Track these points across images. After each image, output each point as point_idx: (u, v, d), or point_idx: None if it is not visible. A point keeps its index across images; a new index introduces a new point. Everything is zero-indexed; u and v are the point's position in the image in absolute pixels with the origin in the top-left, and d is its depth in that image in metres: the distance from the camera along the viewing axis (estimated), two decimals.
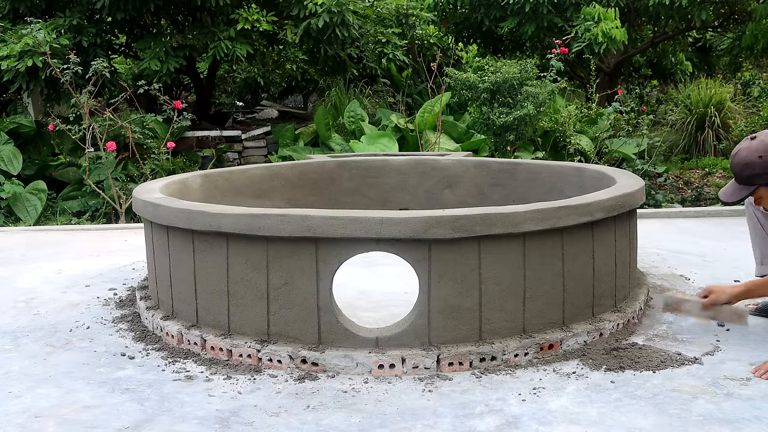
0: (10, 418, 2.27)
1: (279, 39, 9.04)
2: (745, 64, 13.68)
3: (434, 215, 2.47)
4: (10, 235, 5.60)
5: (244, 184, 4.37)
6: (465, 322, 2.57)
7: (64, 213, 7.34)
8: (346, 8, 7.85)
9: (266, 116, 11.08)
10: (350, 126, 8.74)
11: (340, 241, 2.51)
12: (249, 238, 2.61)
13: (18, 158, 7.42)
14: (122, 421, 2.22)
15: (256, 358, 2.64)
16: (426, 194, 4.73)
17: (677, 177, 8.56)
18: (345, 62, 9.05)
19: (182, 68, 8.53)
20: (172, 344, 2.90)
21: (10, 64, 7.07)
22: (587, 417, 2.18)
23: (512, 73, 7.22)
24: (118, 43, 8.98)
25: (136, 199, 3.19)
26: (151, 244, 3.17)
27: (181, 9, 8.60)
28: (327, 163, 4.75)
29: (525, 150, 7.89)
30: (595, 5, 8.90)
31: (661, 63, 13.17)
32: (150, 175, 7.18)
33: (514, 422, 2.16)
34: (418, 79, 10.88)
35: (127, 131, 7.06)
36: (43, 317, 3.35)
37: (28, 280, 4.07)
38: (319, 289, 2.56)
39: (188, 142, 8.80)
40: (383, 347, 2.55)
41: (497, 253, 2.57)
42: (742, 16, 10.64)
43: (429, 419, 2.20)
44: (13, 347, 2.95)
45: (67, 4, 8.17)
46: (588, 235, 2.77)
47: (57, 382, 2.55)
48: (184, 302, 2.91)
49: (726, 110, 9.85)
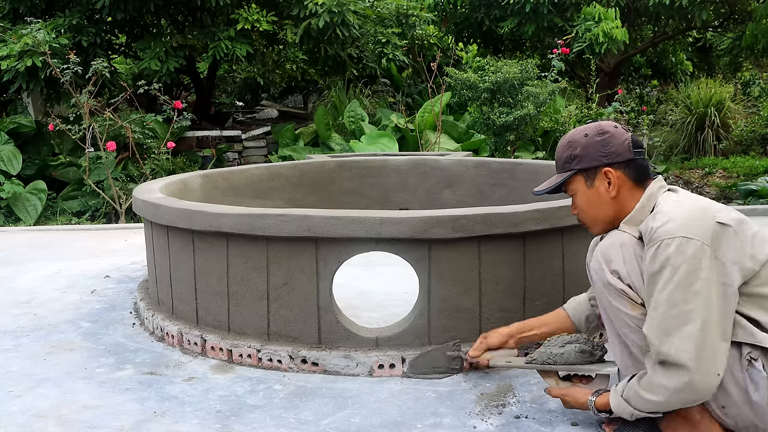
0: (10, 418, 2.26)
1: (279, 39, 9.05)
2: (745, 64, 13.69)
3: (434, 215, 2.47)
4: (10, 235, 5.60)
5: (244, 184, 4.37)
6: (465, 322, 2.57)
7: (64, 213, 7.34)
8: (346, 8, 7.85)
9: (266, 116, 11.08)
10: (350, 126, 8.74)
11: (340, 241, 2.51)
12: (249, 238, 2.61)
13: (18, 158, 7.43)
14: (122, 421, 2.22)
15: (256, 358, 2.64)
16: (426, 194, 4.73)
17: (677, 177, 8.57)
18: (345, 62, 9.05)
19: (182, 68, 8.53)
20: (172, 344, 2.90)
21: (10, 64, 7.07)
22: (587, 417, 2.18)
23: (513, 73, 7.22)
24: (118, 43, 8.99)
25: (136, 199, 3.19)
26: (151, 244, 3.17)
27: (181, 9, 8.60)
28: (327, 163, 4.75)
29: (525, 150, 7.90)
30: (596, 5, 8.90)
31: (661, 63, 13.18)
32: (150, 175, 7.18)
33: (515, 422, 2.16)
34: (418, 79, 10.89)
35: (127, 131, 7.06)
36: (43, 317, 3.35)
37: (28, 280, 4.07)
38: (319, 289, 2.56)
39: (188, 142, 8.80)
40: (383, 347, 2.55)
41: (497, 253, 2.57)
42: (742, 16, 10.65)
43: (429, 419, 2.20)
44: (13, 347, 2.95)
45: (67, 4, 8.18)
46: (588, 235, 2.76)
47: (57, 382, 2.55)
48: (184, 302, 2.91)
49: (726, 110, 9.87)
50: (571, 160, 2.00)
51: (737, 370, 1.74)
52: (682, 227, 1.74)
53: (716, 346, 1.71)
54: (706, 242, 1.72)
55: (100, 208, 7.32)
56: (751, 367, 1.72)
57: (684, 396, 1.74)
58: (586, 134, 1.99)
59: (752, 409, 1.73)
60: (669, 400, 1.76)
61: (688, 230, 1.73)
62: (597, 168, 1.96)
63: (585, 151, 1.97)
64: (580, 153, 1.98)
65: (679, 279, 1.72)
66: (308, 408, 2.29)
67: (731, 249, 1.73)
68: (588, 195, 2.00)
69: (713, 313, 1.71)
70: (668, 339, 1.72)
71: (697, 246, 1.71)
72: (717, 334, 1.71)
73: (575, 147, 1.99)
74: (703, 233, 1.72)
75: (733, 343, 1.74)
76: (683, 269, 1.71)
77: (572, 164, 2.00)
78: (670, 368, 1.73)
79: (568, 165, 2.02)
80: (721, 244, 1.73)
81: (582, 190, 2.01)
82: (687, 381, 1.71)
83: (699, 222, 1.74)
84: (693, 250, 1.71)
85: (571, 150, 2.00)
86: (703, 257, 1.71)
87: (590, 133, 1.98)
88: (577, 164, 1.99)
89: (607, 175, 1.95)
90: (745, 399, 1.74)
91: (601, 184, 1.96)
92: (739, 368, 1.74)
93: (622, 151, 1.94)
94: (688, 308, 1.71)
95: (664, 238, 1.75)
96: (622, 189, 1.95)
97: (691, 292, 1.71)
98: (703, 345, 1.70)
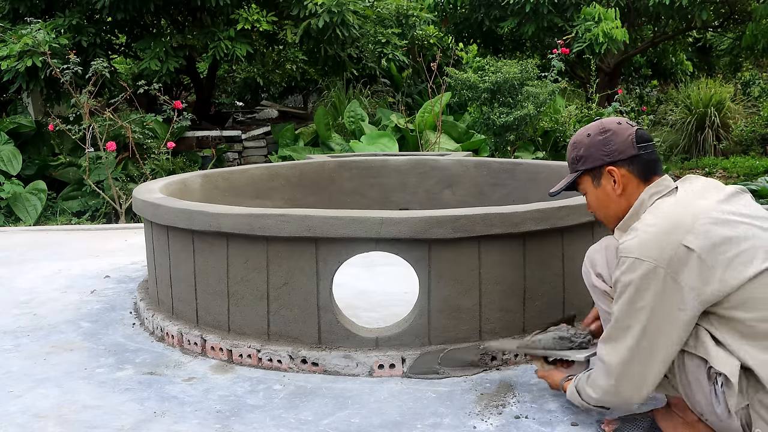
0: (10, 418, 2.27)
1: (279, 39, 9.05)
2: (745, 64, 13.69)
3: (434, 215, 2.47)
4: (10, 235, 5.60)
5: (244, 184, 4.37)
6: (465, 322, 2.57)
7: (64, 213, 7.34)
8: (346, 8, 7.86)
9: (266, 116, 11.09)
10: (350, 126, 8.74)
11: (340, 241, 2.51)
12: (249, 238, 2.61)
13: (18, 158, 7.43)
14: (122, 421, 2.22)
15: (256, 358, 2.64)
16: (426, 194, 4.73)
17: (677, 177, 8.57)
18: (345, 62, 9.05)
19: (182, 68, 8.54)
20: (172, 344, 2.90)
21: (10, 64, 7.07)
22: (587, 417, 2.18)
23: (513, 73, 7.22)
24: (118, 43, 8.99)
25: (136, 199, 3.19)
26: (151, 244, 3.17)
27: (181, 9, 8.60)
28: (327, 163, 4.75)
29: (525, 150, 7.89)
30: (596, 5, 8.90)
31: (661, 63, 13.18)
32: (150, 175, 7.19)
33: (515, 422, 2.16)
34: (418, 79, 10.89)
35: (127, 131, 7.06)
36: (43, 317, 3.35)
37: (28, 280, 4.07)
38: (319, 289, 2.56)
39: (188, 142, 8.81)
40: (383, 347, 2.55)
41: (497, 253, 2.57)
42: (742, 16, 10.65)
43: (429, 419, 2.20)
44: (13, 347, 2.95)
45: (67, 4, 8.18)
46: (588, 235, 2.77)
47: (57, 382, 2.55)
48: (184, 302, 2.91)
49: (726, 110, 9.87)
50: (577, 161, 2.03)
51: (705, 383, 1.74)
52: (639, 247, 1.75)
53: (647, 363, 1.77)
54: (661, 265, 1.72)
55: (100, 208, 7.32)
56: (715, 383, 1.72)
57: (611, 399, 1.87)
58: (589, 134, 2.00)
59: (719, 420, 1.75)
60: (601, 399, 1.89)
61: (644, 251, 1.74)
62: (600, 167, 1.97)
63: (588, 151, 1.99)
64: (584, 153, 2.00)
65: (627, 296, 1.77)
66: (308, 408, 2.29)
67: (692, 274, 1.70)
68: (596, 194, 2.02)
69: (653, 333, 1.75)
70: (609, 345, 1.84)
71: (649, 268, 1.73)
72: (652, 353, 1.76)
73: (579, 148, 2.02)
74: (659, 256, 1.72)
75: (700, 357, 1.74)
76: (631, 288, 1.76)
77: (578, 165, 2.03)
78: (604, 370, 1.86)
79: (574, 166, 2.04)
80: (682, 269, 1.71)
81: (590, 190, 2.03)
82: (613, 385, 1.83)
83: (662, 243, 1.73)
84: (643, 272, 1.74)
85: (576, 151, 2.03)
86: (653, 279, 1.73)
87: (592, 133, 1.99)
88: (582, 165, 2.01)
89: (611, 173, 1.95)
90: (711, 410, 1.75)
91: (607, 183, 1.97)
92: (707, 381, 1.74)
93: (624, 148, 1.94)
94: (628, 324, 1.78)
95: (622, 255, 1.80)
96: (628, 186, 1.95)
97: (634, 309, 1.77)
98: (631, 360, 1.78)
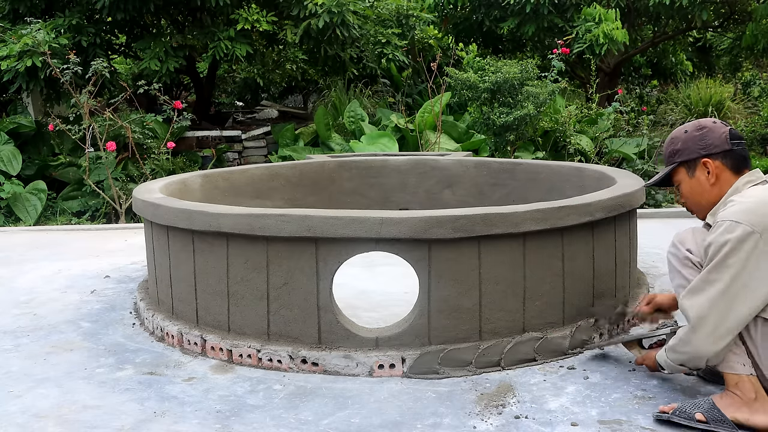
0: (10, 418, 2.27)
1: (279, 39, 9.04)
2: (745, 64, 13.68)
3: (434, 215, 2.47)
4: (10, 235, 5.60)
5: (244, 184, 4.37)
6: (465, 322, 2.57)
7: (64, 213, 7.33)
8: (346, 8, 7.85)
9: (266, 116, 11.08)
10: (350, 126, 8.73)
11: (340, 241, 2.51)
12: (249, 238, 2.61)
13: (18, 158, 7.42)
14: (122, 421, 2.22)
15: (256, 358, 2.64)
16: (426, 194, 4.73)
17: None
18: (345, 62, 9.04)
19: (182, 68, 8.53)
20: (172, 344, 2.90)
21: (9, 64, 7.07)
22: (587, 417, 2.18)
23: (513, 73, 7.22)
24: (118, 43, 8.98)
25: (136, 199, 3.19)
26: (151, 244, 3.17)
27: (181, 9, 8.60)
28: (327, 163, 4.75)
29: (525, 150, 7.89)
30: (596, 6, 8.89)
31: (661, 63, 13.16)
32: (150, 175, 7.18)
33: (514, 422, 2.16)
34: (418, 79, 10.88)
35: (127, 131, 7.06)
36: (43, 317, 3.35)
37: (28, 280, 4.07)
38: (319, 289, 2.56)
39: (188, 142, 8.80)
40: (383, 347, 2.55)
41: (497, 253, 2.57)
42: (742, 16, 10.64)
43: (429, 419, 2.20)
44: (13, 347, 2.95)
45: (67, 4, 8.17)
46: (588, 235, 2.77)
47: (57, 382, 2.55)
48: (184, 302, 2.91)
49: (726, 110, 9.87)
50: (674, 154, 2.26)
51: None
52: (738, 213, 1.98)
53: (724, 317, 1.97)
54: (757, 230, 1.94)
55: (100, 208, 7.32)
56: None
57: (685, 349, 2.06)
58: (686, 131, 2.25)
59: None
60: (677, 349, 2.10)
61: (742, 216, 1.96)
62: (696, 159, 2.20)
63: (685, 144, 2.23)
64: (681, 147, 2.24)
65: (721, 254, 1.97)
66: (308, 408, 2.29)
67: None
68: (691, 184, 2.23)
69: (737, 289, 1.95)
70: (692, 296, 2.04)
71: (746, 231, 1.94)
72: (731, 308, 1.96)
73: (676, 142, 2.26)
74: (757, 221, 1.94)
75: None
76: (726, 247, 1.96)
77: (674, 158, 2.26)
78: (685, 323, 2.06)
79: (671, 159, 2.27)
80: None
81: (685, 180, 2.25)
82: (688, 333, 2.04)
83: (760, 212, 1.96)
84: (740, 233, 1.95)
85: (673, 145, 2.27)
86: (747, 241, 1.94)
87: (690, 129, 2.25)
88: (678, 157, 2.24)
89: (706, 165, 2.18)
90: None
91: (702, 174, 2.20)
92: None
93: (719, 143, 2.17)
94: (714, 278, 1.99)
95: (719, 220, 2.02)
96: (721, 176, 2.17)
97: (724, 265, 1.97)
98: (710, 309, 1.98)
